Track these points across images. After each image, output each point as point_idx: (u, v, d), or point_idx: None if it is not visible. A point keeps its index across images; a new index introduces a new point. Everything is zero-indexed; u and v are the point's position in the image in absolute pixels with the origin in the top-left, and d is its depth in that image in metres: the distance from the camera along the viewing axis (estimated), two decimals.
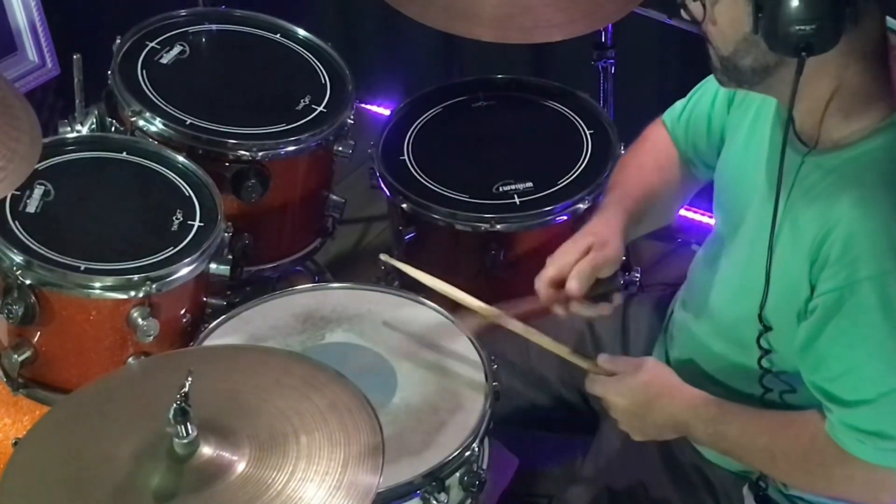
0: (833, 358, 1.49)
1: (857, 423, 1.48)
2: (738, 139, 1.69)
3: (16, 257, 1.92)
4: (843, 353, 1.47)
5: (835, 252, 1.44)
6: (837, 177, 1.46)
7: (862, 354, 1.46)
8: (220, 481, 1.39)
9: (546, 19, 2.22)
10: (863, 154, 1.45)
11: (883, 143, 1.44)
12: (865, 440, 1.48)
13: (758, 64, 1.46)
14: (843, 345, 1.47)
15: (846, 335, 1.46)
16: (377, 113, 3.39)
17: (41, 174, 2.06)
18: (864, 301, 1.43)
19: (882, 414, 1.47)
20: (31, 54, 2.94)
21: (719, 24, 1.46)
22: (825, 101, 1.46)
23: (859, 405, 1.47)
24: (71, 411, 1.58)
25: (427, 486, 1.69)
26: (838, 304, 1.45)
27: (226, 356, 1.70)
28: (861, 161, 1.45)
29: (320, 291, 2.03)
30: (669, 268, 2.91)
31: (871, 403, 1.46)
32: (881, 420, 1.47)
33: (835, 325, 1.46)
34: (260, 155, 2.21)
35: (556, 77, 2.51)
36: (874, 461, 1.49)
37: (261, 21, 2.50)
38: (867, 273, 1.42)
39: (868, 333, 1.44)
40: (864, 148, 1.45)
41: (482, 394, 1.82)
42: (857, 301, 1.43)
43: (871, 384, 1.46)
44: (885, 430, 1.47)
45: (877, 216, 1.42)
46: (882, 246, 1.41)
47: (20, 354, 1.99)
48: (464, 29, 2.25)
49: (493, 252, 2.20)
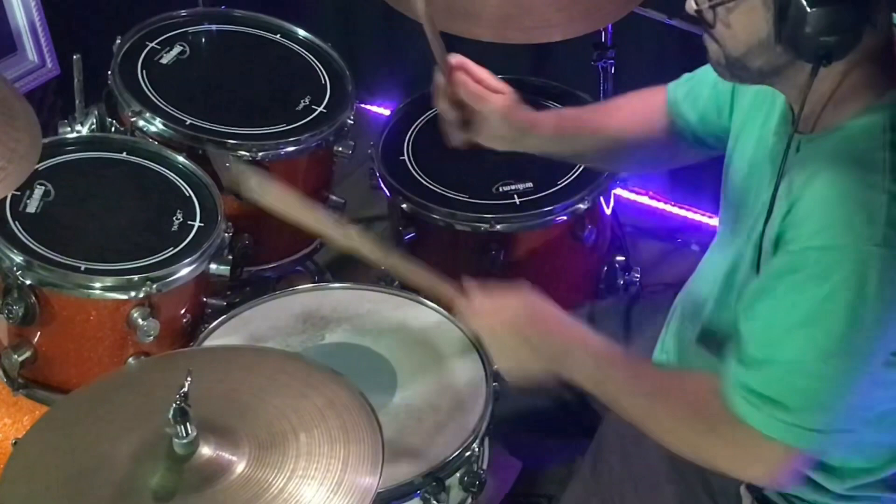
0: (761, 308, 1.47)
1: (758, 387, 1.44)
2: (752, 134, 1.69)
3: (16, 257, 1.92)
4: (771, 308, 1.45)
5: (797, 217, 1.45)
6: (817, 156, 1.47)
7: (787, 317, 1.44)
8: (219, 481, 1.39)
9: (546, 19, 2.21)
10: (843, 134, 1.46)
11: (863, 124, 1.45)
12: (761, 406, 1.44)
13: (768, 66, 1.46)
14: (774, 302, 1.45)
15: (780, 294, 1.44)
16: (377, 113, 3.39)
17: (41, 174, 2.06)
18: (807, 269, 1.42)
19: (785, 382, 1.43)
20: (31, 54, 2.94)
21: (733, 28, 1.45)
22: (827, 95, 1.47)
23: (765, 366, 1.45)
24: (70, 411, 1.58)
25: (427, 487, 1.69)
26: (784, 267, 1.45)
27: (225, 356, 1.70)
28: (839, 140, 1.46)
29: (320, 291, 2.03)
30: (669, 268, 2.91)
31: (778, 367, 1.44)
32: (782, 388, 1.43)
33: (775, 282, 1.45)
34: (260, 155, 2.21)
35: (556, 77, 2.51)
36: (763, 430, 1.45)
37: (261, 21, 2.50)
38: (816, 243, 1.41)
39: (799, 300, 1.42)
40: (847, 129, 1.46)
41: (482, 394, 1.82)
42: (800, 267, 1.42)
43: (785, 348, 1.44)
44: (783, 401, 1.43)
45: (838, 191, 1.42)
46: (835, 220, 1.41)
47: (20, 354, 1.99)
48: (464, 29, 2.25)
49: (493, 252, 2.20)
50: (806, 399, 1.43)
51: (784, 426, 1.44)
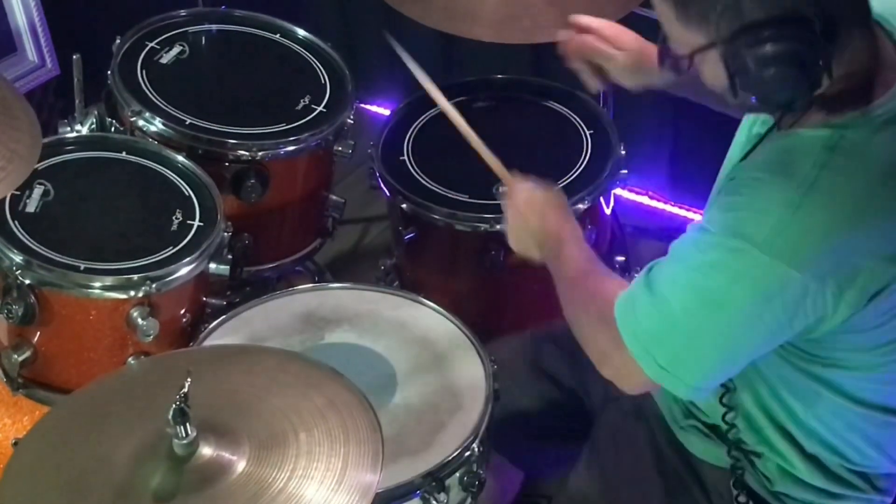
0: (680, 241, 1.55)
1: (637, 298, 1.54)
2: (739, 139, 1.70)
3: (15, 257, 1.92)
4: (682, 246, 1.53)
5: (718, 197, 1.52)
6: (762, 152, 1.50)
7: (683, 260, 1.51)
8: (220, 481, 1.39)
9: (546, 19, 2.22)
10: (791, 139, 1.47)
11: (810, 137, 1.45)
12: (630, 316, 1.54)
13: (742, 104, 1.48)
14: (685, 243, 1.53)
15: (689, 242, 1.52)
16: (377, 113, 3.39)
17: (41, 174, 2.06)
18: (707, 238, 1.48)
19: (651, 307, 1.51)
20: (31, 54, 2.94)
21: (704, 75, 1.48)
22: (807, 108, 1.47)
23: (650, 288, 1.52)
24: (71, 412, 1.58)
25: (427, 486, 1.69)
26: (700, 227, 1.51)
27: (224, 356, 1.70)
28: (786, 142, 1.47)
29: (320, 291, 2.03)
30: None
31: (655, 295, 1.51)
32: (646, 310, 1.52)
33: (693, 233, 1.52)
34: (260, 155, 2.21)
35: (556, 77, 2.51)
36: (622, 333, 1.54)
37: (261, 21, 2.50)
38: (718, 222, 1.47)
39: (693, 256, 1.49)
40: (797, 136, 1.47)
41: (482, 394, 1.82)
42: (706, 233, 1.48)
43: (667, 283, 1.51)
44: (641, 319, 1.52)
45: (753, 190, 1.45)
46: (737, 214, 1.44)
47: (20, 354, 1.99)
48: (464, 29, 2.25)
49: (493, 252, 2.20)
50: (659, 333, 1.51)
51: (639, 345, 1.53)
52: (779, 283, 1.42)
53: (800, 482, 1.68)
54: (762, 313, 1.45)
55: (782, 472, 1.69)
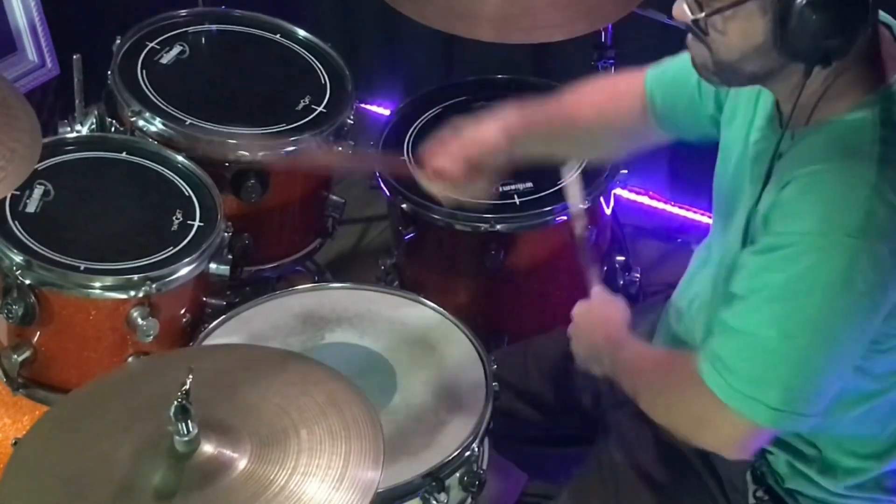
0: (738, 280, 1.51)
1: (721, 352, 1.49)
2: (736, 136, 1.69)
3: (16, 257, 1.92)
4: (746, 281, 1.49)
5: (783, 202, 1.47)
6: (809, 147, 1.49)
7: (759, 291, 1.47)
8: (221, 479, 1.39)
9: (546, 19, 2.22)
10: (836, 127, 1.47)
11: (856, 119, 1.46)
12: (722, 372, 1.48)
13: (762, 70, 1.47)
14: (750, 276, 1.49)
15: (756, 270, 1.48)
16: (377, 113, 3.39)
17: (41, 174, 2.06)
18: (783, 250, 1.44)
19: (746, 352, 1.46)
20: (31, 54, 2.94)
21: (728, 35, 1.46)
22: (820, 93, 1.48)
23: (732, 334, 1.48)
24: (71, 411, 1.58)
25: (427, 486, 1.69)
26: (765, 246, 1.48)
27: (225, 355, 1.70)
28: (832, 133, 1.47)
29: (320, 291, 2.03)
30: (669, 268, 2.91)
31: (742, 337, 1.47)
32: (743, 358, 1.47)
33: (755, 258, 1.49)
34: (260, 155, 2.21)
35: (556, 77, 2.50)
36: (722, 396, 1.47)
37: (261, 21, 2.50)
38: (795, 228, 1.44)
39: (772, 278, 1.45)
40: (840, 123, 1.47)
41: (482, 394, 1.82)
42: (778, 247, 1.45)
43: (751, 320, 1.47)
44: (742, 371, 1.46)
45: (824, 180, 1.44)
46: (816, 208, 1.43)
47: (20, 354, 1.99)
48: (464, 29, 2.25)
49: (493, 252, 2.20)
50: (764, 373, 1.46)
51: (741, 396, 1.47)
52: (877, 266, 1.41)
53: (810, 480, 1.67)
54: (868, 304, 1.43)
55: (792, 470, 1.68)
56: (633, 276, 2.53)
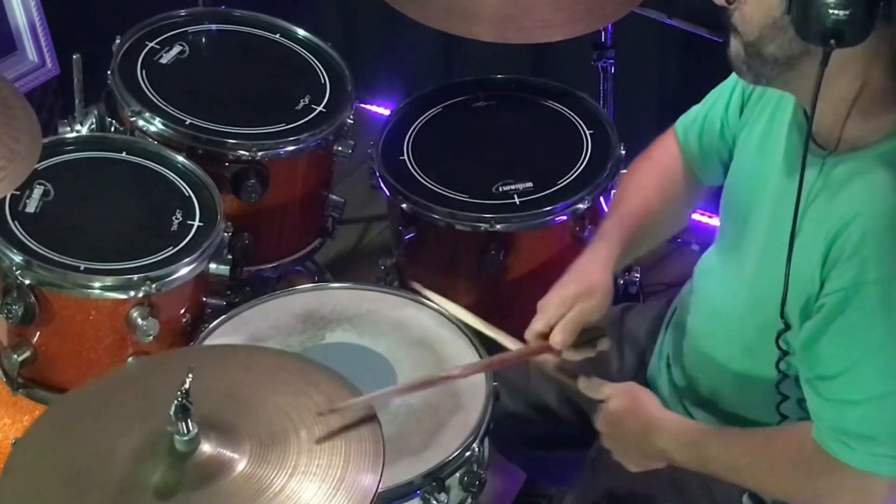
0: (831, 357, 1.48)
1: (848, 427, 1.47)
2: (750, 145, 1.67)
3: (15, 257, 1.92)
4: (841, 353, 1.46)
5: (846, 251, 1.43)
6: (856, 177, 1.45)
7: (859, 355, 1.45)
8: (221, 478, 1.38)
9: (546, 19, 2.22)
10: (882, 154, 1.44)
11: None
12: (855, 445, 1.47)
13: (782, 53, 1.43)
14: (842, 344, 1.46)
15: (846, 335, 1.45)
16: (377, 113, 3.39)
17: (41, 174, 2.06)
18: (868, 303, 1.42)
19: (873, 417, 1.45)
20: (31, 54, 2.94)
21: (749, 7, 1.43)
22: (847, 102, 1.45)
23: (851, 407, 1.46)
24: (70, 410, 1.58)
25: (427, 486, 1.69)
26: (842, 304, 1.44)
27: (225, 355, 1.70)
28: (880, 162, 1.44)
29: (320, 291, 2.03)
30: (669, 268, 2.91)
31: (863, 405, 1.45)
32: (871, 423, 1.46)
33: (837, 324, 1.45)
34: (260, 155, 2.21)
35: (556, 77, 2.51)
36: (863, 467, 1.47)
37: (261, 21, 2.50)
38: (874, 275, 1.41)
39: (867, 335, 1.43)
40: (884, 148, 1.44)
41: (482, 394, 1.81)
42: (860, 302, 1.42)
43: (865, 386, 1.45)
44: (875, 434, 1.46)
45: (890, 218, 1.41)
46: (892, 249, 1.40)
47: (20, 354, 1.99)
48: (464, 29, 2.25)
49: (493, 252, 2.20)
50: None
51: (884, 459, 1.46)
52: None
53: None
54: None
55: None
56: (634, 276, 2.53)
